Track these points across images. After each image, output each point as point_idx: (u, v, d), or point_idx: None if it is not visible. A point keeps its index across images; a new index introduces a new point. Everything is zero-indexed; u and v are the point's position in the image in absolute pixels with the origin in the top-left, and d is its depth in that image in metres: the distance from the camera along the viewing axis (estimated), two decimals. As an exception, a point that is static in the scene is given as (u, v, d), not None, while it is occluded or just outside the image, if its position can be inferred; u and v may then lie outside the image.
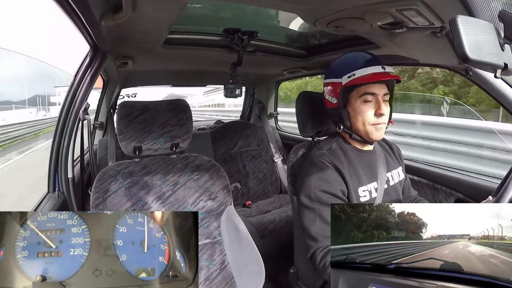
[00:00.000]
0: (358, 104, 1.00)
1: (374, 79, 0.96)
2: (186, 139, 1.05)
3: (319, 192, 0.98)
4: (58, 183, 1.17)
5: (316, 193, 0.99)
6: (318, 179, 1.00)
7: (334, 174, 1.00)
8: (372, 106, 0.99)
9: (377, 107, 0.99)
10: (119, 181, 0.99)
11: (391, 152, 1.20)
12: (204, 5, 1.23)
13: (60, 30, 38.53)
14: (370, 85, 0.98)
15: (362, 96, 0.99)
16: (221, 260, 1.03)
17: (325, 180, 1.00)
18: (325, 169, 1.01)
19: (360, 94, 0.99)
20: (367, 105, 0.99)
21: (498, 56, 0.55)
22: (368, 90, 0.99)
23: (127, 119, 0.99)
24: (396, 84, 1.06)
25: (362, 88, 0.99)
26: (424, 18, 0.85)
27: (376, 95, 0.99)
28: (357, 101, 1.00)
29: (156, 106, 1.03)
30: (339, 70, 1.03)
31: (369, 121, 1.00)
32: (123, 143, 0.99)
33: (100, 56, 1.18)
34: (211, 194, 1.06)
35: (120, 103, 1.05)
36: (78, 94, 1.16)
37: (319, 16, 1.00)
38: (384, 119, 1.01)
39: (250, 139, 2.31)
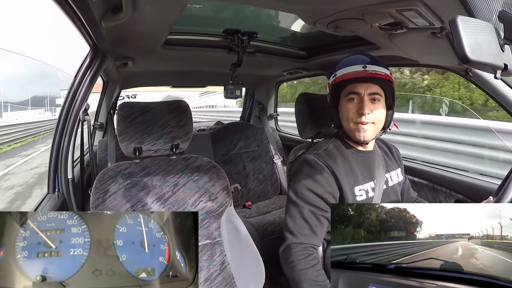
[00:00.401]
0: (344, 103, 1.04)
1: (351, 77, 1.00)
2: (186, 140, 1.05)
3: (305, 190, 1.00)
4: (58, 184, 1.17)
5: (302, 190, 1.00)
6: (307, 177, 1.02)
7: (325, 175, 1.01)
8: (355, 105, 1.01)
9: (359, 106, 1.00)
10: (119, 182, 0.99)
11: (390, 154, 1.20)
12: (204, 6, 1.23)
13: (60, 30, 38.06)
14: (354, 85, 1.01)
15: (347, 95, 1.02)
16: (221, 260, 1.03)
17: (313, 180, 1.01)
18: (316, 168, 1.02)
19: (346, 93, 1.03)
20: (351, 104, 1.02)
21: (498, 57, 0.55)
22: (352, 90, 1.01)
23: (127, 120, 0.99)
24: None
25: (348, 87, 1.02)
26: (424, 19, 0.85)
27: (360, 94, 1.01)
28: (343, 100, 1.04)
29: (156, 107, 1.03)
30: (331, 71, 1.08)
31: (351, 119, 1.02)
32: (123, 144, 0.99)
33: (100, 56, 1.18)
34: (211, 195, 1.06)
35: (120, 104, 1.05)
36: (78, 94, 1.16)
37: (319, 17, 1.00)
38: (369, 119, 1.01)
39: (250, 140, 2.31)
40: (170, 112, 1.03)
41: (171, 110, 1.04)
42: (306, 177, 1.02)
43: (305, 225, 0.98)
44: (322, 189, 1.00)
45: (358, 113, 1.00)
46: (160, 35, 1.24)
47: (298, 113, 1.30)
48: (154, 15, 1.00)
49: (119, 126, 0.99)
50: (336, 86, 1.04)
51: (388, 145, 1.23)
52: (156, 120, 1.01)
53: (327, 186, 1.00)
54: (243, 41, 1.47)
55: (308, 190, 1.00)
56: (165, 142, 1.02)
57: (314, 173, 1.02)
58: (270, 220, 1.82)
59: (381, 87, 1.02)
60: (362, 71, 0.99)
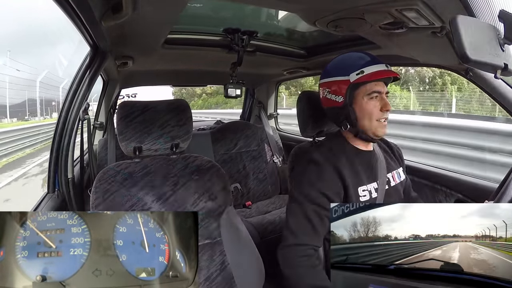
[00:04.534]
0: (366, 101, 1.01)
1: (382, 76, 0.99)
2: (186, 139, 1.05)
3: (310, 189, 0.99)
4: (58, 183, 1.17)
5: (307, 189, 1.00)
6: (313, 176, 1.01)
7: (331, 174, 1.00)
8: (378, 102, 1.02)
9: (383, 103, 1.01)
10: (119, 181, 0.99)
11: (391, 153, 1.19)
12: (204, 5, 1.23)
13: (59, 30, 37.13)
14: (376, 83, 1.01)
15: (370, 94, 1.01)
16: (221, 260, 1.03)
17: (319, 178, 1.00)
18: (322, 167, 1.01)
19: (367, 91, 1.01)
20: (373, 102, 1.01)
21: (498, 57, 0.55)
22: (375, 88, 1.01)
23: (127, 119, 0.99)
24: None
25: (369, 85, 1.01)
26: (424, 18, 0.85)
27: (381, 92, 1.01)
28: (364, 98, 1.02)
29: (156, 107, 1.03)
30: (346, 68, 1.03)
31: (376, 116, 1.02)
32: (123, 144, 0.99)
33: (100, 56, 1.18)
34: (211, 194, 1.06)
35: (120, 103, 1.05)
36: (78, 94, 1.16)
37: (319, 16, 1.00)
38: (388, 115, 1.03)
39: (250, 140, 2.31)
40: (170, 112, 1.03)
41: (171, 110, 1.04)
42: (311, 176, 1.01)
43: (307, 225, 0.97)
44: (327, 188, 0.99)
45: (382, 110, 1.01)
46: (160, 34, 1.24)
47: (299, 112, 1.30)
48: (154, 14, 1.00)
49: (119, 126, 0.99)
50: (357, 84, 1.01)
51: (389, 143, 1.23)
52: (156, 120, 1.01)
53: (332, 184, 1.00)
54: (243, 40, 1.46)
55: (313, 189, 0.99)
56: (165, 142, 1.02)
57: (319, 172, 1.01)
58: (270, 219, 1.82)
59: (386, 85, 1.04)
60: (388, 70, 1.00)
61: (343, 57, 1.08)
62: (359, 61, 1.02)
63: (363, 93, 1.01)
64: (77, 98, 1.16)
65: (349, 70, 1.01)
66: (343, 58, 1.08)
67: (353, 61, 1.03)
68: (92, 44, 1.13)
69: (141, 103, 1.03)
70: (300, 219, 0.98)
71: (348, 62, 1.05)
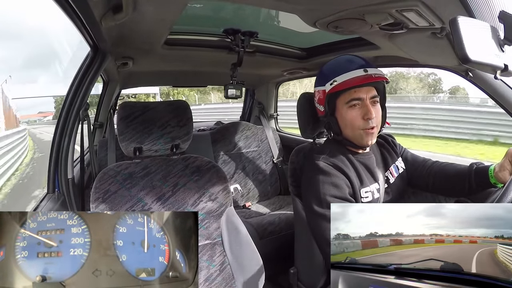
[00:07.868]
0: (345, 110, 0.99)
1: (356, 83, 0.95)
2: (186, 140, 1.05)
3: (329, 198, 0.96)
4: (58, 184, 1.17)
5: (326, 199, 0.97)
6: (326, 184, 0.99)
7: (341, 177, 0.99)
8: (359, 110, 0.98)
9: (365, 111, 0.98)
10: (119, 181, 0.99)
11: (387, 146, 1.17)
12: (204, 6, 1.23)
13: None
14: (355, 90, 0.97)
15: (348, 102, 0.98)
16: (221, 261, 1.03)
17: (333, 185, 0.98)
18: (331, 173, 1.00)
19: (346, 100, 0.98)
20: (354, 110, 0.99)
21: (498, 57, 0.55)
22: (354, 96, 0.98)
23: (127, 120, 0.99)
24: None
25: (347, 93, 0.98)
26: (424, 19, 0.85)
27: (363, 99, 0.98)
28: (344, 107, 1.00)
29: (156, 107, 1.03)
30: (323, 78, 1.03)
31: (358, 126, 0.99)
32: (123, 144, 0.99)
33: (100, 56, 1.18)
34: (211, 195, 1.06)
35: (120, 104, 1.05)
36: (78, 94, 1.16)
37: (319, 17, 1.00)
38: (374, 122, 0.99)
39: (250, 140, 2.31)
40: (170, 112, 1.03)
41: (171, 110, 1.04)
42: (324, 184, 0.99)
43: None
44: (343, 191, 0.97)
45: (364, 119, 0.97)
46: (160, 35, 1.24)
47: (299, 113, 1.30)
48: (154, 15, 1.00)
49: (119, 126, 0.99)
50: (334, 94, 1.00)
51: (383, 136, 1.20)
52: (156, 120, 1.01)
53: (346, 188, 0.98)
54: (243, 41, 1.47)
55: (332, 197, 0.96)
56: (165, 142, 1.02)
57: (330, 178, 0.99)
58: (270, 220, 1.82)
59: (377, 88, 1.01)
60: (365, 75, 0.95)
61: (327, 65, 1.07)
62: (336, 69, 1.00)
63: (342, 102, 0.99)
64: (77, 99, 1.16)
65: (326, 80, 1.01)
66: (326, 66, 1.06)
67: (331, 69, 1.02)
68: (92, 45, 1.13)
69: (141, 104, 1.03)
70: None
71: (326, 71, 1.04)
